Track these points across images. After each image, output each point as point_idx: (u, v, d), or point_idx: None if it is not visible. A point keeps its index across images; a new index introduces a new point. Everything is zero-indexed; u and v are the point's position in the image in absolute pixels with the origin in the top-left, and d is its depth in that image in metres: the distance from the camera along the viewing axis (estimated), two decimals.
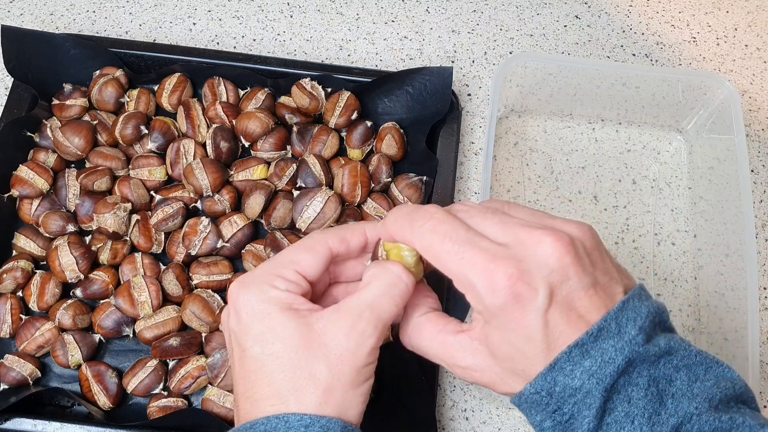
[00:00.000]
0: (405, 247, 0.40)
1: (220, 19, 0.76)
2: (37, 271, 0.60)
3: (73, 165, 0.65)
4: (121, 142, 0.64)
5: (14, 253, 0.62)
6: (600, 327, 0.35)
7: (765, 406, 0.61)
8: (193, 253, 0.60)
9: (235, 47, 0.74)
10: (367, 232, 0.42)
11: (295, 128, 0.66)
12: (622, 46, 0.77)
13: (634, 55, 0.77)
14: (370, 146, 0.67)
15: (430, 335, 0.40)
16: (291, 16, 0.77)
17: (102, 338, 0.59)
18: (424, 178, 0.64)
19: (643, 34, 0.78)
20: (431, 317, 0.40)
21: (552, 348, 0.35)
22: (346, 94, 0.66)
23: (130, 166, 0.64)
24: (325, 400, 0.37)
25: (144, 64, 0.69)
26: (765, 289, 0.66)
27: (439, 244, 0.37)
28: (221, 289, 0.61)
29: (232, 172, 0.64)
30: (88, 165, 0.64)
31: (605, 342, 0.35)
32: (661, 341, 0.36)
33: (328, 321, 0.38)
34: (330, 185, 0.64)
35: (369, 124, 0.66)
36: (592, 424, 0.35)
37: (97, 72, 0.67)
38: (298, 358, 0.37)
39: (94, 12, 0.75)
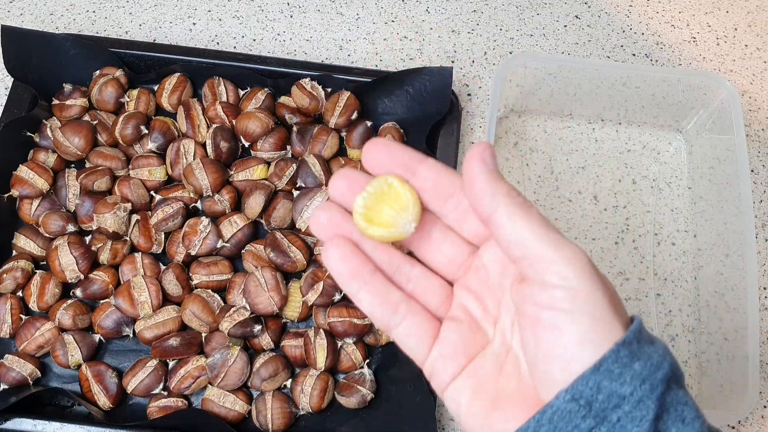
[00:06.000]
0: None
1: (220, 19, 0.76)
2: (37, 271, 0.60)
3: (73, 165, 0.65)
4: (121, 142, 0.64)
5: (14, 253, 0.62)
6: (638, 329, 0.29)
7: (765, 406, 0.61)
8: (193, 253, 0.60)
9: (235, 47, 0.74)
10: None
11: (295, 128, 0.66)
12: (622, 46, 0.77)
13: (634, 55, 0.77)
14: None
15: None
16: (291, 16, 0.77)
17: (102, 338, 0.59)
18: None
19: (643, 34, 0.78)
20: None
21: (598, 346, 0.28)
22: (346, 94, 0.66)
23: (130, 166, 0.64)
24: None
25: (144, 64, 0.69)
26: (765, 289, 0.66)
27: None
28: (221, 289, 0.61)
29: (232, 172, 0.64)
30: (88, 165, 0.64)
31: (647, 347, 0.28)
32: None
33: None
34: None
35: (369, 124, 0.66)
36: None
37: (97, 72, 0.67)
38: None
39: (94, 12, 0.75)
